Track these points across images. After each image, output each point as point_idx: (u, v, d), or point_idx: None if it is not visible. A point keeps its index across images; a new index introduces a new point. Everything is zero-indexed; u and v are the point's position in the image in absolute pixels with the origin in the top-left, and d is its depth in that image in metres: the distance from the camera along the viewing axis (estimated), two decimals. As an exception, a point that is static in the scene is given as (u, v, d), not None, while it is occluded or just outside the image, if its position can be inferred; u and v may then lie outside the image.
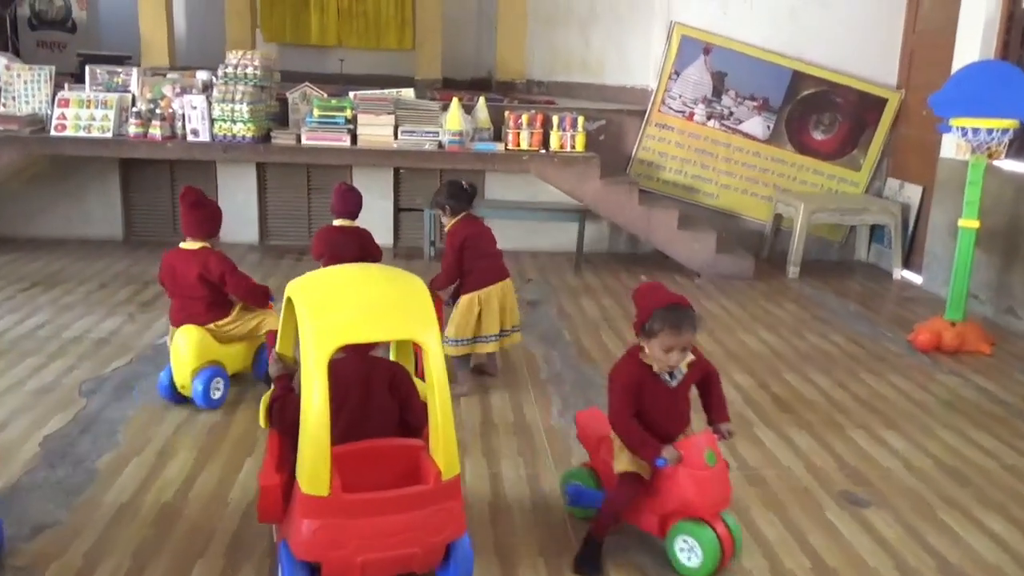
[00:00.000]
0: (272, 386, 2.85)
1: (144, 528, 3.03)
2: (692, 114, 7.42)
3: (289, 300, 2.70)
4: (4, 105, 6.86)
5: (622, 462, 2.92)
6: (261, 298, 4.25)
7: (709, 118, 7.43)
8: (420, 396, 2.80)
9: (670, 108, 7.41)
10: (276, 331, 3.03)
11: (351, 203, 4.75)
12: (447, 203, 4.48)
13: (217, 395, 4.03)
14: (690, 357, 2.89)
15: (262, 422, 2.87)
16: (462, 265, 4.37)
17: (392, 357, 3.05)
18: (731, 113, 7.43)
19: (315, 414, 2.40)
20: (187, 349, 3.95)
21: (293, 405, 2.58)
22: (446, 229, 4.52)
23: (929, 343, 5.32)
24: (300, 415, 2.47)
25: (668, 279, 6.88)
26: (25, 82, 6.89)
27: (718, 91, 7.39)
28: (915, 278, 7.09)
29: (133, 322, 5.26)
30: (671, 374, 2.88)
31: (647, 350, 2.86)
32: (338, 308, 2.55)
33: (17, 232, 7.28)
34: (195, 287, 4.05)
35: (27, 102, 6.87)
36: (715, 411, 3.02)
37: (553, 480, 3.50)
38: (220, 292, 4.12)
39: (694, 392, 3.02)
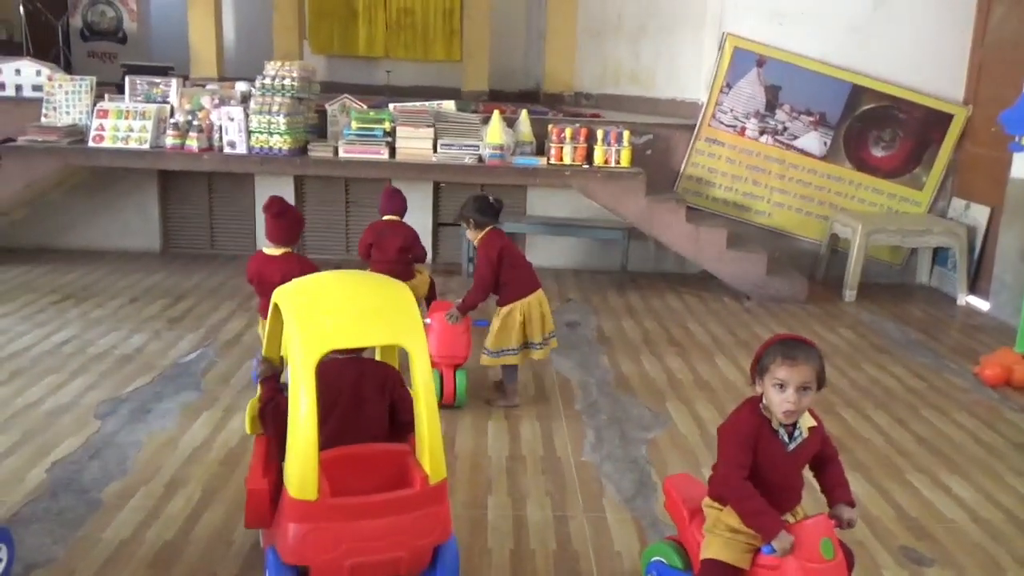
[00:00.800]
0: (259, 390, 2.89)
1: (141, 570, 2.85)
2: (744, 129, 7.10)
3: (276, 306, 2.75)
4: (46, 116, 6.84)
5: (712, 547, 2.50)
6: None
7: (762, 133, 7.10)
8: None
9: (721, 122, 7.11)
10: None
11: (398, 202, 5.14)
12: (473, 216, 4.37)
13: None
14: (808, 417, 2.50)
15: (249, 428, 2.92)
16: (498, 278, 4.28)
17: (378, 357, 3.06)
18: (785, 128, 7.09)
19: (303, 419, 2.42)
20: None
21: (278, 409, 2.67)
22: (474, 243, 4.47)
23: (998, 377, 4.93)
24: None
25: (716, 301, 6.58)
26: (67, 93, 6.87)
27: (772, 105, 7.06)
28: (981, 304, 6.67)
29: (159, 339, 5.13)
30: (790, 434, 2.47)
31: (763, 397, 2.50)
32: (324, 313, 2.59)
33: (56, 243, 7.26)
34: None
35: (68, 113, 6.84)
36: (836, 489, 2.54)
37: (581, 522, 3.24)
38: None
39: None
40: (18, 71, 7.09)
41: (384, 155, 6.51)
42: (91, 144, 6.52)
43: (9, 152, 6.43)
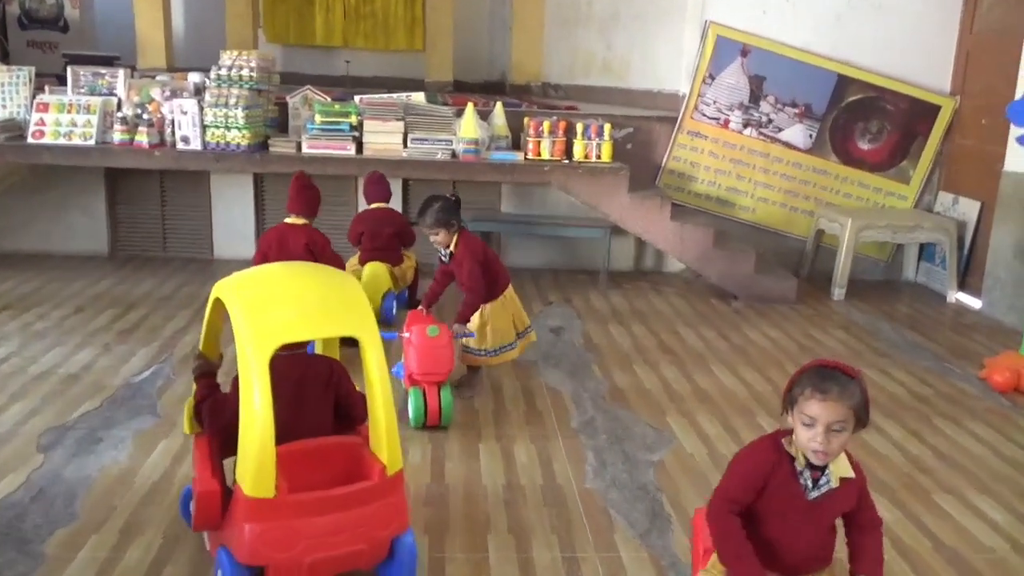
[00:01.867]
0: (195, 386, 2.85)
1: (92, 641, 2.44)
2: (727, 121, 6.81)
3: (217, 301, 2.70)
4: (-21, 109, 6.30)
5: None
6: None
7: (746, 126, 6.82)
8: (358, 389, 2.78)
9: (703, 115, 6.81)
10: None
11: (384, 189, 5.42)
12: (451, 219, 4.16)
13: None
14: (846, 465, 2.18)
15: (187, 428, 2.87)
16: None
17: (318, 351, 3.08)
18: (770, 120, 6.82)
19: (259, 415, 2.37)
20: None
21: (224, 405, 2.67)
22: (445, 249, 4.19)
23: (1007, 383, 4.70)
24: (237, 416, 2.44)
25: (703, 303, 6.29)
26: (2, 85, 6.33)
27: (756, 96, 6.78)
28: (972, 302, 6.47)
29: (109, 354, 4.67)
30: (815, 480, 2.16)
31: (793, 431, 2.18)
32: (274, 307, 2.55)
33: (-7, 247, 6.72)
34: (302, 256, 4.57)
35: (3, 106, 6.30)
36: (862, 561, 2.23)
37: (595, 564, 2.90)
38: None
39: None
40: (-54, 61, 6.52)
41: (351, 150, 6.09)
42: (30, 140, 6.00)
43: (-62, 149, 5.89)
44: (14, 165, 6.16)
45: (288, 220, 4.81)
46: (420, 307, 4.34)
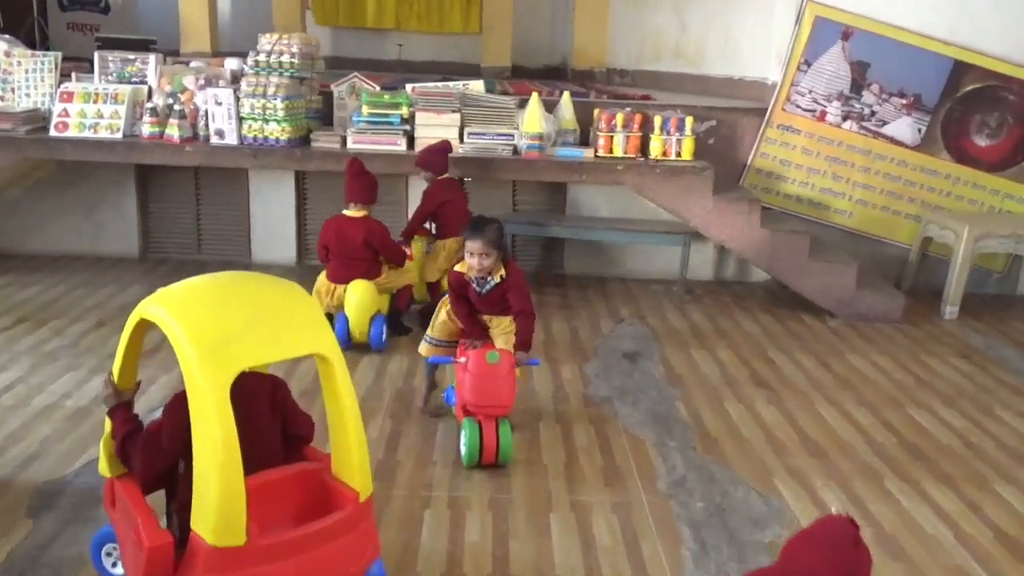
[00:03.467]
0: (109, 420, 2.48)
1: None
2: (824, 113, 6.02)
3: (141, 321, 2.36)
4: (2, 99, 5.79)
5: None
6: (403, 260, 4.89)
7: (845, 118, 6.02)
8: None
9: (797, 106, 6.03)
10: (410, 285, 4.89)
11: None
12: (504, 244, 3.70)
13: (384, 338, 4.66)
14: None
15: (106, 470, 2.52)
16: None
17: None
18: (873, 113, 6.01)
19: (224, 453, 2.07)
20: (365, 300, 4.57)
21: (158, 439, 2.31)
22: (489, 275, 3.65)
23: None
24: (174, 452, 2.26)
25: (794, 320, 5.55)
26: (27, 71, 5.81)
27: (858, 85, 5.97)
28: (1108, 323, 5.62)
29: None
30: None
31: None
32: (226, 326, 2.22)
33: (18, 247, 6.22)
34: (359, 252, 4.63)
35: (28, 95, 5.79)
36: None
37: None
38: (376, 254, 4.72)
39: None
40: (-31, 45, 6.02)
41: (402, 146, 5.46)
42: (53, 133, 5.48)
43: (-45, 143, 5.40)
44: (35, 160, 5.65)
45: (347, 212, 4.72)
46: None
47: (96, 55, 5.78)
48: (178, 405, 2.23)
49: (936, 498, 3.36)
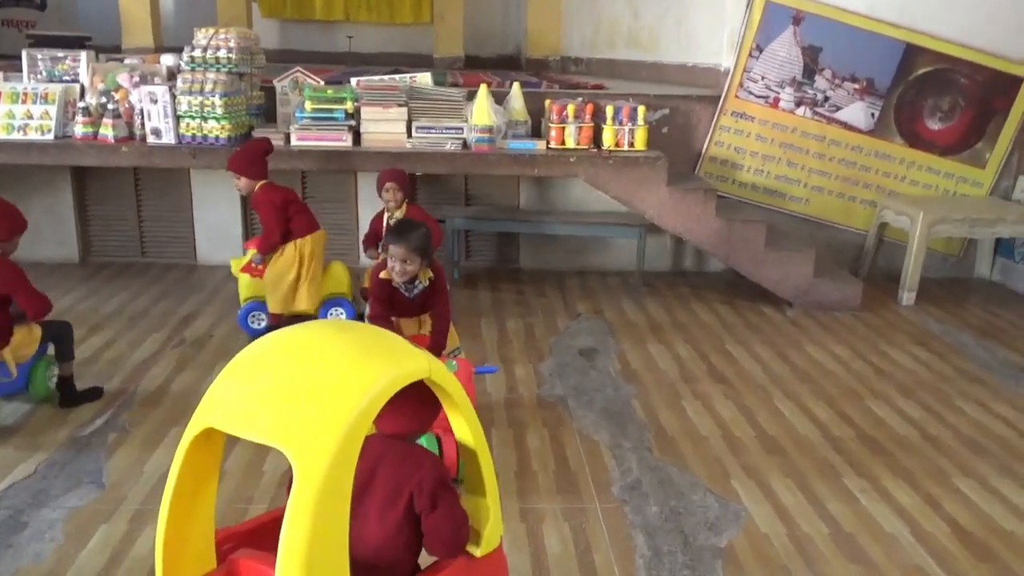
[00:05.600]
0: None
1: None
2: (778, 99, 5.95)
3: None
4: (-73, 100, 5.52)
5: None
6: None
7: (799, 104, 5.95)
8: None
9: (750, 92, 5.95)
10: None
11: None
12: (431, 251, 3.55)
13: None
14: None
15: None
16: None
17: None
18: (826, 98, 5.95)
19: None
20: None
21: None
22: (415, 280, 3.54)
23: None
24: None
25: (752, 311, 5.48)
26: (-48, 71, 5.56)
27: (811, 71, 5.91)
28: (1063, 305, 5.62)
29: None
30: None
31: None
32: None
33: (-50, 255, 5.96)
34: None
35: (-46, 96, 5.53)
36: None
37: None
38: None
39: None
40: None
41: (347, 142, 5.29)
42: (-21, 136, 5.24)
43: None
44: (-36, 164, 5.39)
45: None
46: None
47: (24, 53, 5.53)
48: None
49: (895, 494, 3.29)
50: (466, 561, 1.96)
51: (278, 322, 4.51)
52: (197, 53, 5.20)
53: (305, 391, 1.71)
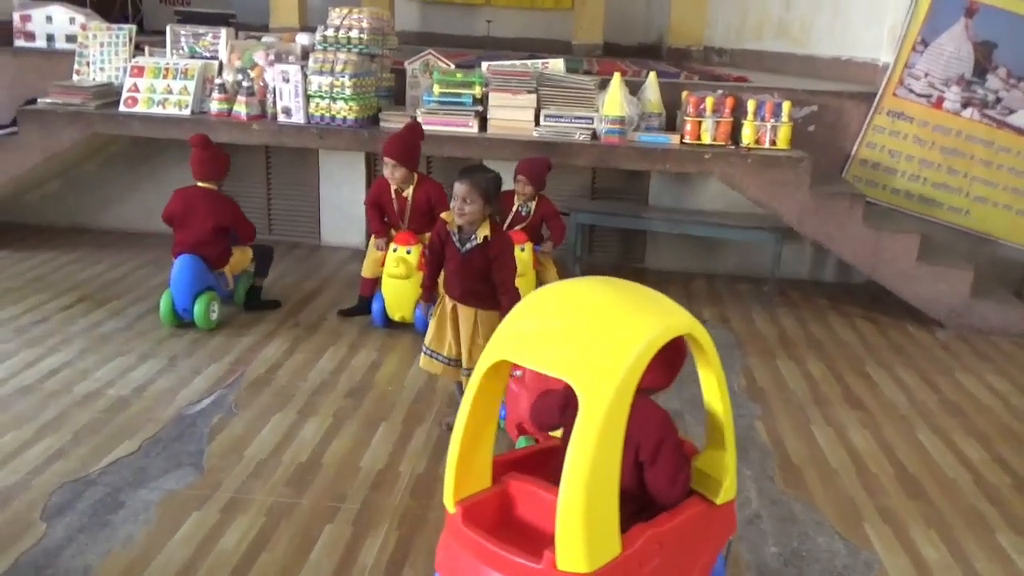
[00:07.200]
0: None
1: None
2: (942, 99, 5.41)
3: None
4: (78, 73, 5.74)
5: None
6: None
7: (966, 106, 5.40)
8: None
9: (910, 91, 5.44)
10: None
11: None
12: (494, 196, 3.30)
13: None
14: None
15: None
16: None
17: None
18: (999, 100, 5.37)
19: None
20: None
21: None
22: (472, 227, 3.29)
23: None
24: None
25: (897, 329, 5.03)
26: (102, 45, 5.75)
27: (982, 68, 5.34)
28: None
29: (172, 371, 3.96)
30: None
31: None
32: None
33: (91, 222, 6.23)
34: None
35: (102, 69, 5.72)
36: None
37: None
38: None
39: None
40: (49, 18, 6.00)
41: (473, 128, 5.15)
42: (122, 108, 5.38)
43: (28, 117, 5.35)
44: (105, 136, 5.56)
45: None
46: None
47: (168, 29, 5.65)
48: None
49: (1061, 561, 2.87)
50: (706, 506, 2.21)
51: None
52: (330, 33, 5.17)
53: (590, 333, 1.97)
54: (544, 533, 1.97)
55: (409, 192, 4.51)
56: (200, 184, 4.62)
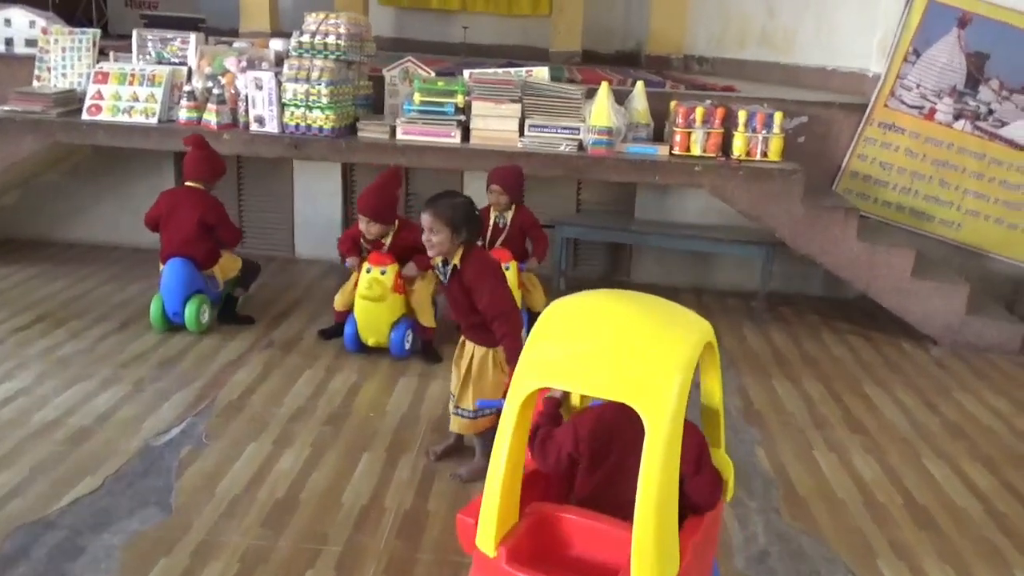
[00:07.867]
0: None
1: None
2: (934, 111, 5.31)
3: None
4: (39, 79, 5.47)
5: None
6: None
7: (958, 117, 5.30)
8: None
9: (902, 102, 5.33)
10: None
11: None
12: (462, 225, 3.00)
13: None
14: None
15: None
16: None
17: None
18: (991, 111, 5.27)
19: None
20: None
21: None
22: (447, 259, 3.06)
23: None
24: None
25: (892, 346, 4.90)
26: (63, 49, 5.47)
27: (975, 80, 5.25)
28: None
29: (138, 398, 3.71)
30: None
31: None
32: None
33: (54, 235, 5.95)
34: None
35: (64, 75, 5.46)
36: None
37: None
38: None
39: None
40: (8, 21, 5.72)
41: (455, 138, 4.95)
42: (84, 116, 5.12)
43: (-16, 125, 5.08)
44: (67, 145, 5.30)
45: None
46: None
47: (134, 33, 5.40)
48: None
49: (1082, 597, 2.73)
50: (719, 507, 2.23)
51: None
52: (305, 38, 4.95)
53: (634, 352, 1.85)
54: (586, 561, 1.95)
55: (388, 240, 4.29)
56: (188, 183, 4.54)
